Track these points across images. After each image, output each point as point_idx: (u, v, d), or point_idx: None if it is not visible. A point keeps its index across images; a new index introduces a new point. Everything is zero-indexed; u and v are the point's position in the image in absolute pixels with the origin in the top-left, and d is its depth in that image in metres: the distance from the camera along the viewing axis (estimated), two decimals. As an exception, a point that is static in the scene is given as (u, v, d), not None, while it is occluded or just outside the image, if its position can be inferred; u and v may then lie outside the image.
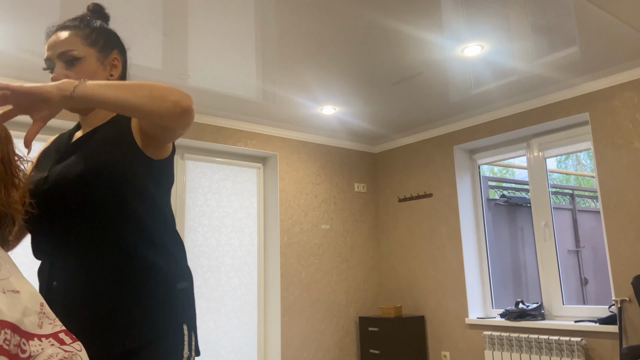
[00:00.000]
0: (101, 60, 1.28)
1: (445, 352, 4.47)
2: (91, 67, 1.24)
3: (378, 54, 3.21)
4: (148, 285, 1.15)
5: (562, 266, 4.07)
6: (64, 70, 1.21)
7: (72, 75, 1.21)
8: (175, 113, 1.05)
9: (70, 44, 1.23)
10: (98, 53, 1.27)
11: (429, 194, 4.79)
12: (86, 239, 1.15)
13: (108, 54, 1.30)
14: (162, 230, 1.21)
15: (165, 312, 1.14)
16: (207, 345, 4.12)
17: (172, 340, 1.14)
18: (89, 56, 1.25)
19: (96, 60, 1.26)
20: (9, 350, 0.71)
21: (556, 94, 3.88)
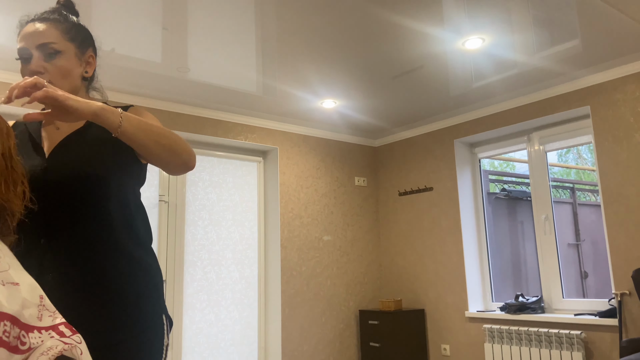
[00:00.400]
0: (79, 56, 1.29)
1: (445, 345, 4.49)
2: (69, 62, 1.25)
3: (378, 47, 3.19)
4: (138, 280, 1.21)
5: (562, 260, 4.08)
6: (42, 62, 1.21)
7: (50, 69, 1.22)
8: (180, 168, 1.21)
9: (51, 36, 1.23)
10: (77, 49, 1.28)
11: (430, 188, 4.79)
12: (80, 235, 1.18)
13: (85, 51, 1.32)
14: (144, 228, 1.29)
15: (151, 304, 1.22)
16: (208, 338, 4.14)
17: (156, 330, 1.21)
18: (68, 51, 1.26)
19: (74, 55, 1.27)
20: (8, 342, 0.71)
21: (557, 87, 3.86)
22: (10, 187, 0.90)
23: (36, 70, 1.20)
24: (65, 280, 1.16)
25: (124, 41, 3.00)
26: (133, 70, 3.42)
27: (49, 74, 1.22)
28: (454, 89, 3.94)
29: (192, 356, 4.04)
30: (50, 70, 1.22)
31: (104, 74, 3.47)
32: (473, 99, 4.19)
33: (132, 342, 1.16)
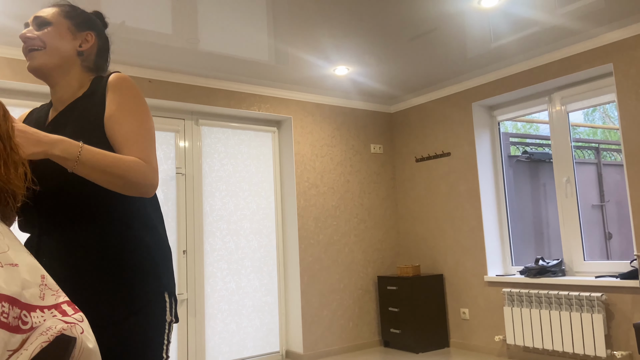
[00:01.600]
0: (72, 31, 1.34)
1: (465, 309, 4.51)
2: (59, 32, 1.31)
3: (392, 9, 3.10)
4: (135, 259, 1.23)
5: (586, 221, 4.01)
6: (33, 30, 1.30)
7: (40, 36, 1.29)
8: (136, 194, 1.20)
9: (47, 12, 1.32)
10: (71, 24, 1.34)
11: (447, 153, 4.72)
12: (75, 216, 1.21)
13: (82, 29, 1.35)
14: (149, 207, 1.31)
15: (149, 282, 1.23)
16: (230, 305, 4.24)
17: (155, 308, 1.23)
18: (60, 24, 1.32)
19: (67, 29, 1.32)
20: (7, 322, 0.73)
21: (578, 45, 3.71)
22: (10, 169, 0.91)
23: (27, 36, 1.29)
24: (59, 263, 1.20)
25: (134, 13, 2.97)
26: (143, 42, 3.40)
27: (38, 39, 1.29)
28: (471, 50, 3.82)
29: (214, 323, 4.15)
30: (40, 37, 1.29)
31: (115, 47, 3.46)
32: (491, 60, 4.07)
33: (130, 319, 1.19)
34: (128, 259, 1.22)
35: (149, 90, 3.89)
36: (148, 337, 1.21)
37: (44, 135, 1.08)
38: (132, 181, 1.16)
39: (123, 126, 1.22)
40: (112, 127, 1.22)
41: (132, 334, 1.19)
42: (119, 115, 1.23)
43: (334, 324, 4.60)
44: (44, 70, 1.29)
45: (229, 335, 4.22)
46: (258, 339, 4.36)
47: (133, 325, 1.20)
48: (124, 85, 1.27)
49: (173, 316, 1.29)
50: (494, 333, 4.27)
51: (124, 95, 1.26)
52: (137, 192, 1.19)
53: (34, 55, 1.29)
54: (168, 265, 1.31)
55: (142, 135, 1.23)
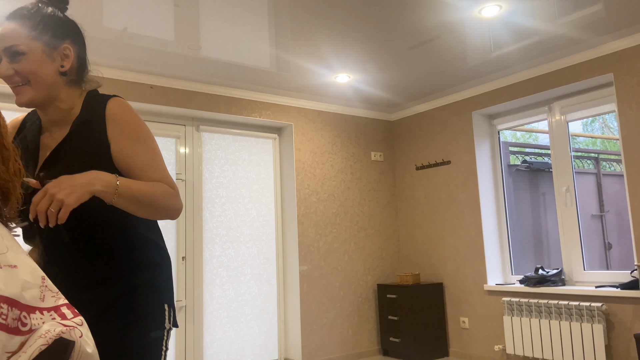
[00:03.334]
0: (48, 52, 1.24)
1: (464, 317, 4.49)
2: (36, 61, 1.21)
3: (393, 18, 3.12)
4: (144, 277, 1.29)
5: (586, 231, 4.00)
6: (9, 64, 1.21)
7: (18, 68, 1.20)
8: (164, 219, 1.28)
9: (14, 38, 1.20)
10: (45, 45, 1.23)
11: (447, 161, 4.72)
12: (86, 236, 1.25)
13: (57, 45, 1.25)
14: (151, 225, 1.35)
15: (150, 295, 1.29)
16: (229, 312, 4.23)
17: (155, 317, 1.29)
18: (34, 50, 1.21)
19: (42, 52, 1.23)
20: (6, 324, 0.72)
21: (579, 55, 3.73)
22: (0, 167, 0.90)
23: (6, 74, 1.20)
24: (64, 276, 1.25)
25: (136, 20, 2.99)
26: (145, 49, 3.41)
27: (18, 75, 1.21)
28: (472, 59, 3.84)
29: (213, 330, 4.13)
30: (19, 72, 1.21)
31: (117, 54, 3.48)
32: (491, 69, 4.08)
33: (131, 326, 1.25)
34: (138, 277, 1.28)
35: (150, 96, 3.90)
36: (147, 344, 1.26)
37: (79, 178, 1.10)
38: (163, 207, 1.23)
39: (137, 158, 1.25)
40: (124, 161, 1.25)
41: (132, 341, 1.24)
42: (130, 148, 1.25)
43: (333, 332, 4.58)
44: (33, 104, 1.25)
45: (228, 342, 4.19)
46: (257, 346, 4.34)
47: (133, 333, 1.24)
48: (125, 115, 1.27)
49: (171, 323, 1.34)
50: (494, 342, 4.25)
51: (128, 124, 1.27)
52: (165, 217, 1.26)
53: (20, 91, 1.22)
54: (170, 279, 1.37)
55: (156, 161, 1.27)
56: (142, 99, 3.86)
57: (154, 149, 1.28)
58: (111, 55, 3.49)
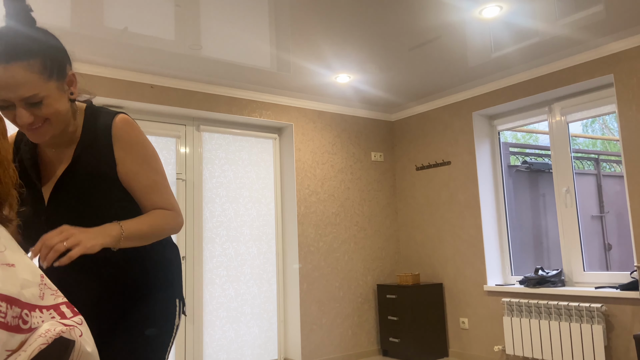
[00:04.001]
0: (61, 87, 1.19)
1: (464, 318, 4.49)
2: (55, 100, 1.16)
3: (393, 18, 3.12)
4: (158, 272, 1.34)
5: (586, 232, 4.00)
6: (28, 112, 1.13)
7: (40, 114, 1.14)
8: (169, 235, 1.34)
9: (32, 86, 1.10)
10: (57, 82, 1.17)
11: (447, 162, 4.72)
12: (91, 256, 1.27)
13: (64, 76, 1.20)
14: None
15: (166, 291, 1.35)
16: (229, 312, 4.23)
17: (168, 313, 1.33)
18: (52, 91, 1.15)
19: (57, 90, 1.17)
20: (5, 322, 0.73)
21: (579, 56, 3.73)
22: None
23: (28, 122, 1.13)
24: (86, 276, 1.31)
25: (136, 19, 2.99)
26: (146, 48, 3.41)
27: (40, 119, 1.16)
28: (472, 60, 3.84)
29: (212, 330, 4.13)
30: (40, 115, 1.15)
31: (118, 53, 3.48)
32: (492, 70, 4.08)
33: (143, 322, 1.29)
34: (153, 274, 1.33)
35: (150, 96, 3.90)
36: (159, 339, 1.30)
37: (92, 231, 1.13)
38: (167, 231, 1.29)
39: (141, 181, 1.28)
40: (130, 182, 1.28)
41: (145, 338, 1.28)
42: (135, 170, 1.27)
43: (333, 332, 4.58)
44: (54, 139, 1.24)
45: (227, 342, 4.19)
46: (256, 346, 4.34)
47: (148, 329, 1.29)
48: (132, 135, 1.27)
49: (180, 317, 1.39)
50: (493, 343, 4.25)
51: (135, 145, 1.28)
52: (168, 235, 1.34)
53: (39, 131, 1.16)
54: (180, 274, 1.42)
55: (160, 182, 1.30)
56: (142, 99, 3.86)
57: (157, 170, 1.30)
58: (112, 55, 3.49)
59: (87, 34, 3.15)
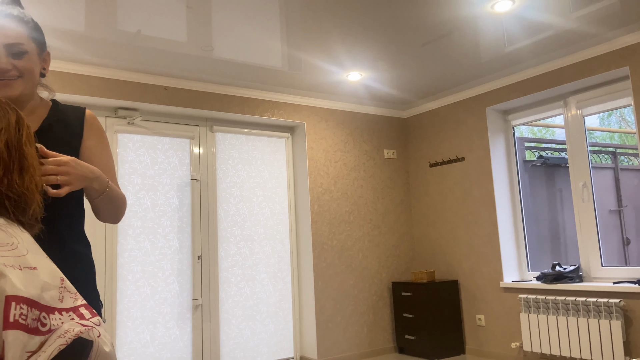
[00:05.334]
0: (38, 54, 1.33)
1: (480, 315, 4.47)
2: (34, 62, 1.30)
3: (404, 14, 3.11)
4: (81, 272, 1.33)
5: (604, 227, 3.95)
6: (10, 59, 1.26)
7: (18, 65, 1.26)
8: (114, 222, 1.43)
9: (19, 37, 1.26)
10: (38, 48, 1.33)
11: (461, 158, 4.69)
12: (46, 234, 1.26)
13: (44, 49, 1.36)
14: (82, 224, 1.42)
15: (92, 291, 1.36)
16: (244, 310, 4.26)
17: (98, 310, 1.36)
18: (33, 51, 1.30)
19: (37, 55, 1.32)
20: (26, 324, 0.75)
21: (594, 49, 3.68)
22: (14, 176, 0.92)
23: (6, 68, 1.24)
24: None
25: (149, 22, 3.02)
26: (159, 50, 3.45)
27: (16, 70, 1.26)
28: (485, 54, 3.81)
29: (229, 328, 4.17)
30: (18, 67, 1.26)
31: (131, 56, 3.52)
32: (505, 65, 4.05)
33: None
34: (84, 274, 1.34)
35: (164, 98, 3.94)
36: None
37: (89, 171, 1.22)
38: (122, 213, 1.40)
39: (102, 159, 1.40)
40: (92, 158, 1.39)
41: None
42: (99, 149, 1.41)
43: (348, 330, 4.59)
44: (21, 97, 1.30)
45: (244, 340, 4.23)
46: (272, 344, 4.37)
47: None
48: (99, 125, 1.45)
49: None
50: (511, 340, 4.22)
51: (101, 131, 1.44)
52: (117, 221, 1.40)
53: (11, 84, 1.26)
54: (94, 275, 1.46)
55: (114, 168, 1.45)
56: (156, 101, 3.90)
57: (113, 160, 1.46)
58: (125, 58, 3.53)
59: (101, 37, 3.20)
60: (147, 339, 3.80)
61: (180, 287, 4.00)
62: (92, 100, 3.69)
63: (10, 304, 0.74)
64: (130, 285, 3.79)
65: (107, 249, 3.75)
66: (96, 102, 3.74)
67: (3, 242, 0.82)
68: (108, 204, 1.31)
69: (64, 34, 3.12)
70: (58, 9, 2.80)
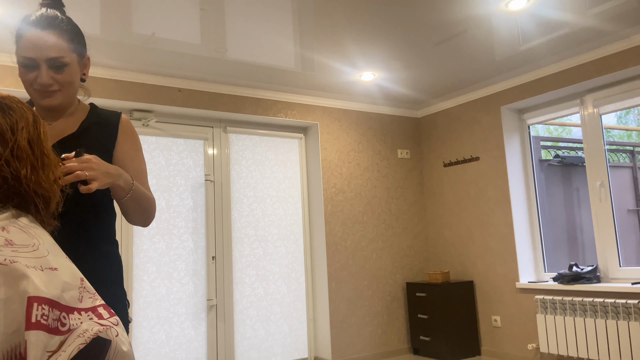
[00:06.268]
0: (80, 63, 1.34)
1: (496, 316, 4.42)
2: (74, 72, 1.31)
3: (418, 13, 3.09)
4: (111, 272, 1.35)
5: (622, 227, 3.89)
6: (52, 74, 1.26)
7: (59, 79, 1.27)
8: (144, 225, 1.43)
9: (60, 49, 1.26)
10: (78, 57, 1.33)
11: (476, 158, 4.66)
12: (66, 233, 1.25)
13: (84, 56, 1.36)
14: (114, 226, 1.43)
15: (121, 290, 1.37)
16: (259, 311, 4.27)
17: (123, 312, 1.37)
18: (73, 62, 1.30)
19: (77, 64, 1.32)
20: (47, 324, 0.76)
21: (610, 46, 3.62)
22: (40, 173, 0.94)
23: (48, 83, 1.26)
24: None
25: (164, 25, 3.05)
26: (173, 52, 3.48)
27: (57, 84, 1.28)
28: (500, 53, 3.78)
29: (243, 329, 4.19)
30: (59, 81, 1.28)
31: (146, 58, 3.56)
32: (520, 63, 4.01)
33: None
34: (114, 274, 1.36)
35: (178, 100, 3.97)
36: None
37: (113, 168, 1.22)
38: (151, 215, 1.40)
39: (134, 163, 1.42)
40: (125, 162, 1.40)
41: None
42: (132, 153, 1.42)
43: (363, 331, 4.58)
44: (60, 107, 1.32)
45: (258, 341, 4.24)
46: (287, 345, 4.38)
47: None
48: (134, 130, 1.47)
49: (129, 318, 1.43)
50: (527, 341, 4.18)
51: (135, 136, 1.46)
52: (147, 223, 1.41)
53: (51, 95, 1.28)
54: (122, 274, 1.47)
55: (146, 173, 1.46)
56: (170, 102, 3.93)
57: (145, 164, 1.48)
58: (140, 60, 3.57)
59: (116, 40, 3.23)
60: (162, 338, 3.83)
61: (195, 288, 4.02)
62: (108, 103, 3.73)
63: (32, 305, 0.75)
64: (145, 285, 3.82)
65: (123, 249, 3.79)
66: (111, 104, 3.78)
67: (25, 244, 0.83)
68: (136, 205, 1.31)
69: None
70: (74, 12, 2.84)
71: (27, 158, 0.92)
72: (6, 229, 0.84)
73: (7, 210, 0.89)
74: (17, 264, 0.78)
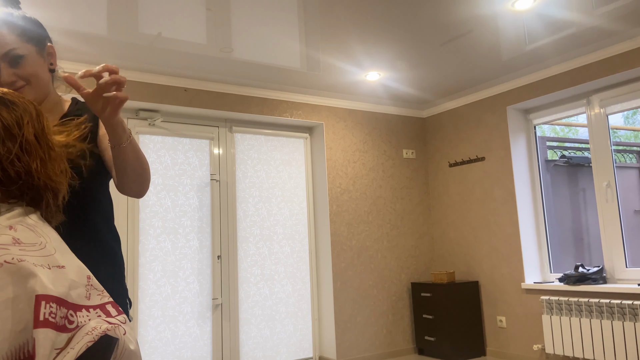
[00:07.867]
0: (40, 52, 1.27)
1: (501, 317, 4.41)
2: (36, 63, 1.25)
3: (423, 13, 3.09)
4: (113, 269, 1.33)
5: (629, 227, 3.87)
6: (10, 69, 1.21)
7: (20, 73, 1.21)
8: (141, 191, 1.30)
9: (10, 42, 1.20)
10: (35, 47, 1.26)
11: (482, 158, 4.65)
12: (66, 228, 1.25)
13: (44, 44, 1.29)
14: (113, 218, 1.41)
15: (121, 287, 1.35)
16: (264, 310, 4.28)
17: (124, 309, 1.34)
18: (31, 52, 1.24)
19: (36, 54, 1.26)
20: (55, 322, 0.76)
21: (617, 46, 3.60)
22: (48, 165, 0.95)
23: (9, 81, 1.20)
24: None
25: (170, 25, 3.06)
26: (179, 52, 3.49)
27: (21, 79, 1.22)
28: (506, 53, 3.76)
29: (248, 328, 4.20)
30: (21, 76, 1.22)
31: (152, 58, 3.57)
32: (526, 63, 3.99)
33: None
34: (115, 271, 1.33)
35: (184, 99, 3.99)
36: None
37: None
38: (147, 179, 1.29)
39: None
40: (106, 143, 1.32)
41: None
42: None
43: (368, 331, 4.58)
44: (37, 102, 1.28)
45: (263, 340, 4.25)
46: (292, 344, 4.38)
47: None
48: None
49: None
50: (532, 342, 4.17)
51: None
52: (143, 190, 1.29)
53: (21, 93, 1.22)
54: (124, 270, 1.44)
55: None
56: (176, 102, 3.95)
57: None
58: (146, 60, 3.58)
59: (122, 40, 3.25)
60: (168, 337, 3.85)
61: (200, 287, 4.04)
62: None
63: (40, 303, 0.76)
64: (151, 284, 3.84)
65: (129, 248, 3.81)
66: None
67: (32, 242, 0.84)
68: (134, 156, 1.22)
69: (86, 37, 3.18)
70: (80, 12, 2.85)
71: (36, 152, 0.93)
72: (14, 228, 0.85)
73: (19, 206, 0.90)
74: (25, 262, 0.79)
